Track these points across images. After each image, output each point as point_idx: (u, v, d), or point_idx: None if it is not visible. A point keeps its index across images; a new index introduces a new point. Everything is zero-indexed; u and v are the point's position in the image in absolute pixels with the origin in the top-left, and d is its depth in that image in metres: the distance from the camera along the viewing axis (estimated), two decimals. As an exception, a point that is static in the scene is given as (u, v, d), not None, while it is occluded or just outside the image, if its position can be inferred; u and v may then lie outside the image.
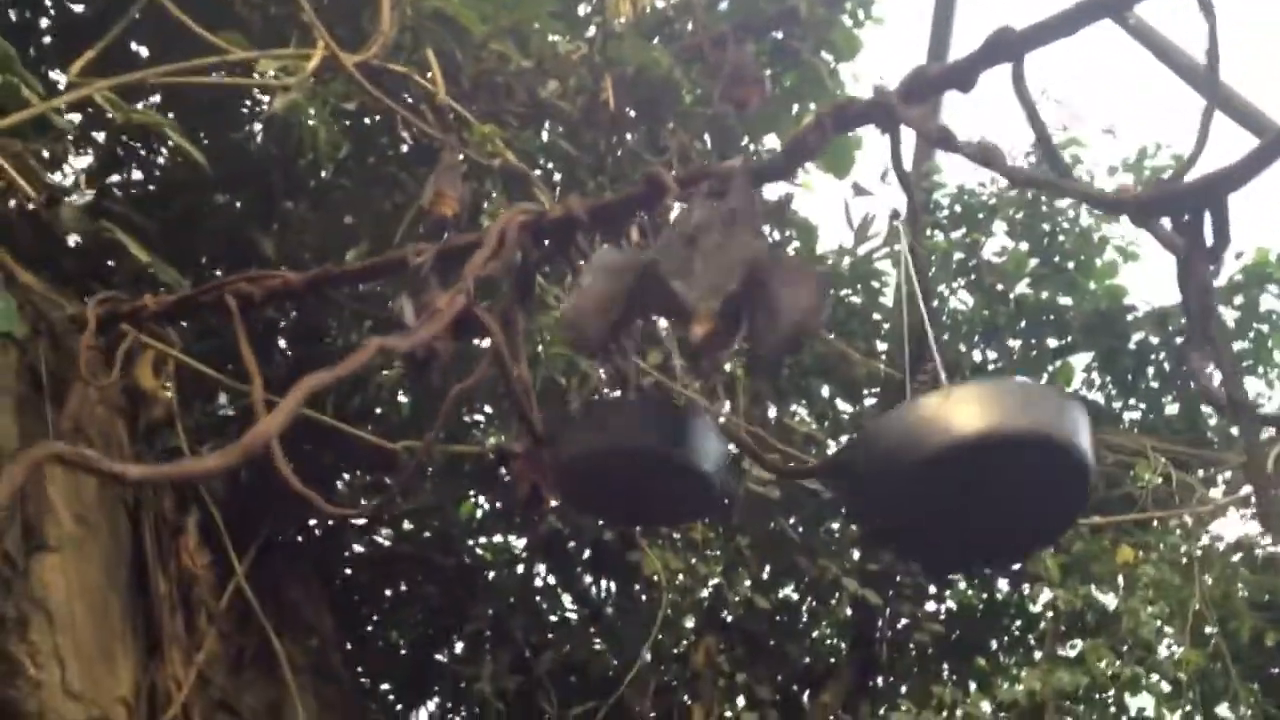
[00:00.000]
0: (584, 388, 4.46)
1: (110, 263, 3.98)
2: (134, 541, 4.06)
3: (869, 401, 5.80)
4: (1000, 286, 5.80)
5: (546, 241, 2.68)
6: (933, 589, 5.81)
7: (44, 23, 4.34)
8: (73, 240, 3.95)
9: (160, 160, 4.71)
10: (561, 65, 4.76)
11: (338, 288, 3.32)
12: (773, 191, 5.80)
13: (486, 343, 2.75)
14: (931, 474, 2.36)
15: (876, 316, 5.70)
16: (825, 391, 5.72)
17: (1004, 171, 2.29)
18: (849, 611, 5.68)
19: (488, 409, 5.36)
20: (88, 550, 3.78)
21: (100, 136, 4.52)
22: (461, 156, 4.02)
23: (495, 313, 2.61)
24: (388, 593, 5.74)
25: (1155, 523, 5.53)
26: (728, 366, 5.14)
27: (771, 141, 5.74)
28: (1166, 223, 2.00)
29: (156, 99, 4.43)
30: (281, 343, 5.07)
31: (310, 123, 3.91)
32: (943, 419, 2.36)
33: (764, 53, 5.59)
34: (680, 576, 5.14)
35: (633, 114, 5.03)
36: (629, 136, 5.00)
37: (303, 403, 2.00)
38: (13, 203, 3.56)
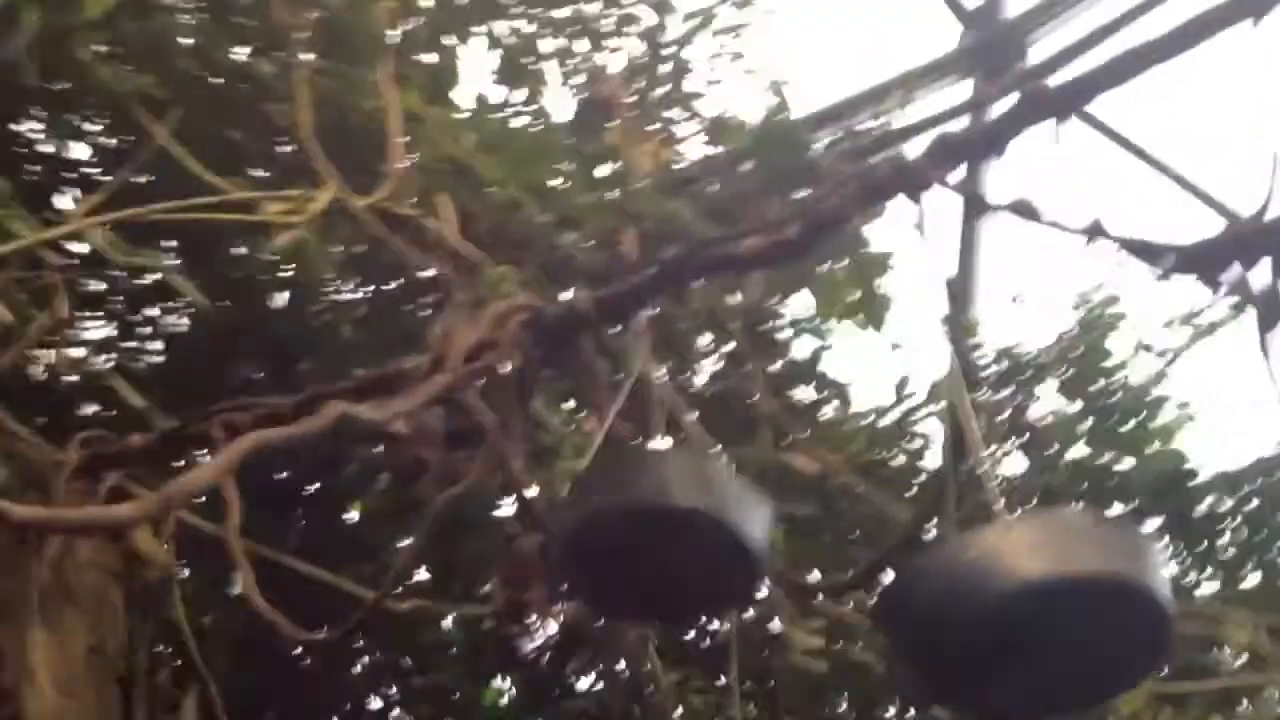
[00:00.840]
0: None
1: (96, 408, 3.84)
2: (123, 716, 3.80)
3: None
4: (1054, 448, 5.55)
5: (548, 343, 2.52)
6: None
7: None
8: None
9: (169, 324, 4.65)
10: (580, 216, 4.70)
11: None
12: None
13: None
14: (992, 619, 2.16)
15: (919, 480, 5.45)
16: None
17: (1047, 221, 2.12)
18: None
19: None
20: (70, 722, 3.54)
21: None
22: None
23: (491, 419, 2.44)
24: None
25: (1246, 701, 5.15)
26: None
27: (802, 299, 5.61)
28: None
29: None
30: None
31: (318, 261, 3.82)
32: (1004, 558, 2.17)
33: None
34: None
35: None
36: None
37: (242, 457, 1.81)
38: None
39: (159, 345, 4.68)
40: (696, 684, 4.75)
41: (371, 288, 4.57)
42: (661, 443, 2.75)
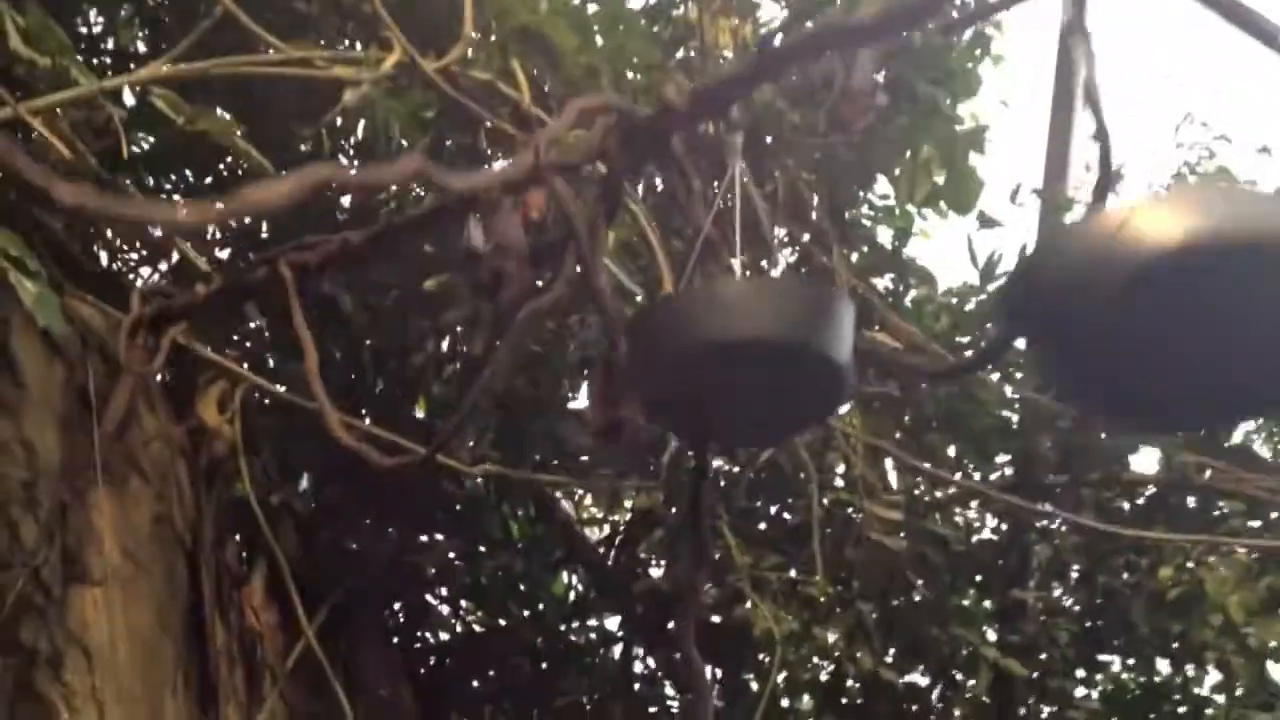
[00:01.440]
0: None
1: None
2: (191, 588, 3.77)
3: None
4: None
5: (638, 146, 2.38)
6: (1081, 673, 5.25)
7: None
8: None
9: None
10: (656, 84, 4.53)
11: (403, 241, 3.04)
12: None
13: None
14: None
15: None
16: (951, 451, 5.29)
17: None
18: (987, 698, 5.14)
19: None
20: (136, 589, 3.51)
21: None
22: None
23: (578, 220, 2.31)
24: (474, 678, 5.36)
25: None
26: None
27: (882, 185, 5.42)
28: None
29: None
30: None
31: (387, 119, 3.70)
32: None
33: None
34: (794, 650, 4.68)
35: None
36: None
37: (313, 186, 1.70)
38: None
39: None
40: (770, 563, 4.64)
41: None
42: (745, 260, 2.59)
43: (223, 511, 4.03)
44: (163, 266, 4.17)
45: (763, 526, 5.19)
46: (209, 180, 4.27)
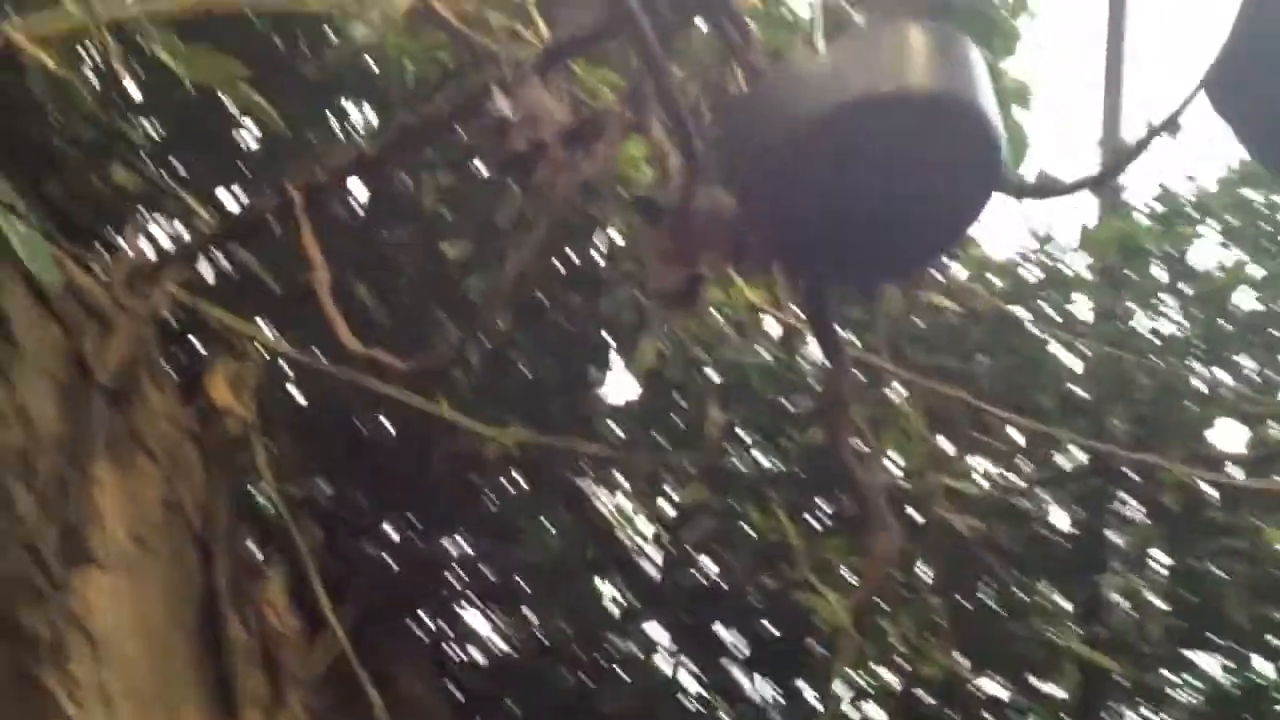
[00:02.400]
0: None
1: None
2: (204, 579, 3.47)
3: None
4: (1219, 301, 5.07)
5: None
6: (1178, 670, 4.90)
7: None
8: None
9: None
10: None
11: (420, 145, 2.76)
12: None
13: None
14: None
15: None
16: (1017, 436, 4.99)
17: None
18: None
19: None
20: (145, 576, 3.21)
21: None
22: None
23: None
24: (512, 694, 5.02)
25: None
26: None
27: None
28: None
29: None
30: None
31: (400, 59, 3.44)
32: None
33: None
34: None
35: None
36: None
37: None
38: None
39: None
40: (834, 542, 4.32)
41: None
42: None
43: (237, 498, 3.74)
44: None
45: (821, 523, 4.89)
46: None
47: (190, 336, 4.15)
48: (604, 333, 4.69)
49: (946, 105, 1.95)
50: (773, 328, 4.74)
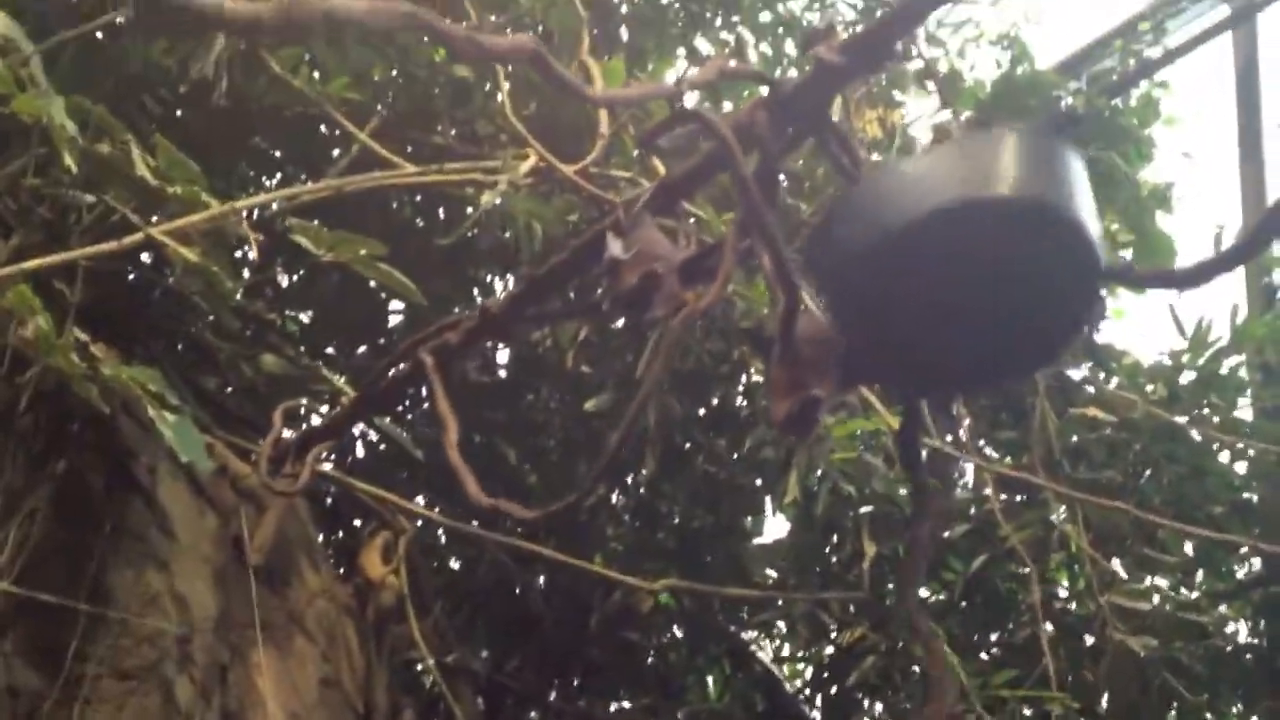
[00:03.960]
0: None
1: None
2: (367, 759, 3.36)
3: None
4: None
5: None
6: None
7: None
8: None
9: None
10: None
11: (543, 299, 2.69)
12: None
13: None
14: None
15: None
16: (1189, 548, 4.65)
17: None
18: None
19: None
20: (308, 758, 3.11)
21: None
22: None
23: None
24: None
25: None
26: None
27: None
28: None
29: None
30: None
31: (529, 223, 3.42)
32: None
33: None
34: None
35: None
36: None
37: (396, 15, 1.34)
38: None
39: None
40: (1003, 678, 4.03)
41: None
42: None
43: (396, 673, 3.64)
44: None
45: (987, 653, 4.59)
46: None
47: (348, 514, 4.14)
48: (752, 475, 4.54)
49: (1039, 211, 1.82)
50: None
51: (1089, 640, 4.31)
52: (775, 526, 4.76)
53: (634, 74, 4.38)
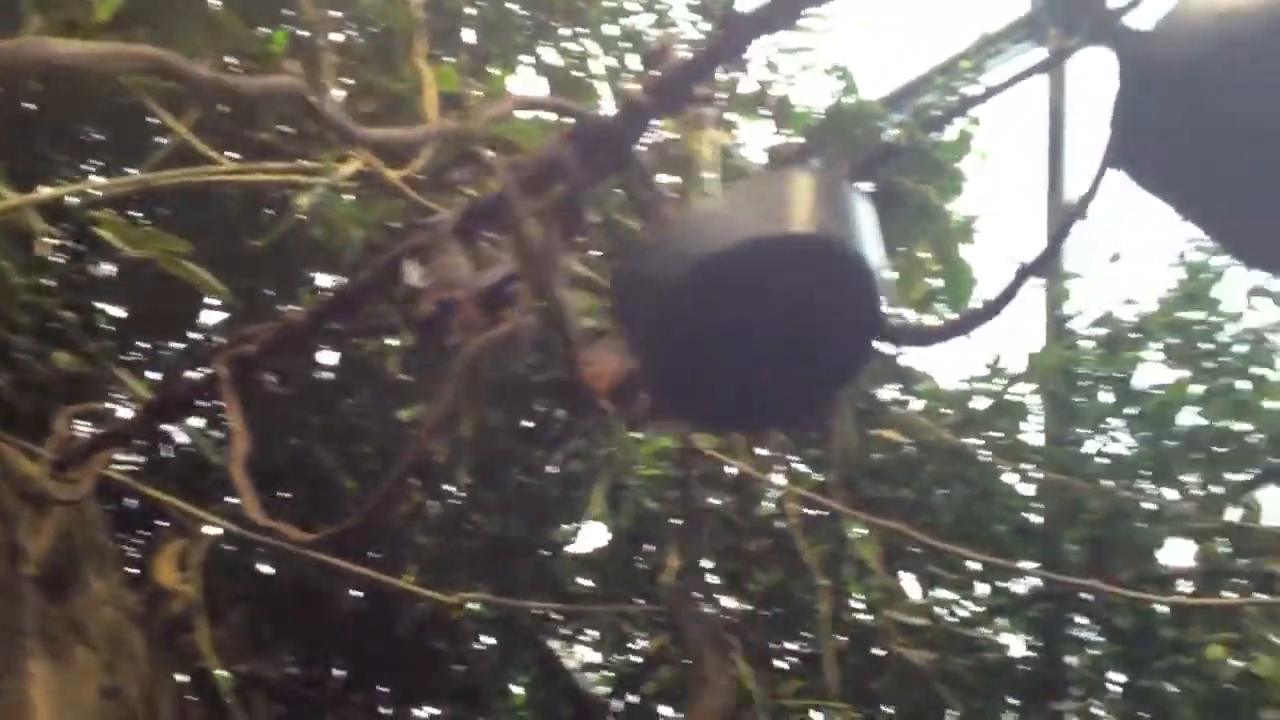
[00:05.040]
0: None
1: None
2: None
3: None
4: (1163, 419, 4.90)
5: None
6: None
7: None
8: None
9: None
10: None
11: (345, 315, 2.61)
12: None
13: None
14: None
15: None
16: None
17: None
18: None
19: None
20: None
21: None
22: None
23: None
24: None
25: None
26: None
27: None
28: None
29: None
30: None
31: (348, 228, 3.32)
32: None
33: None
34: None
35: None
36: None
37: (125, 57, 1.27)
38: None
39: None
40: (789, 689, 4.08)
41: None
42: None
43: (184, 681, 3.49)
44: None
45: (781, 663, 4.65)
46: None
47: (151, 519, 3.96)
48: (566, 487, 4.50)
49: (824, 249, 1.81)
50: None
51: (877, 652, 4.40)
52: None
53: (474, 80, 4.29)
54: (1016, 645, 4.85)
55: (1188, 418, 5.00)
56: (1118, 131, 1.66)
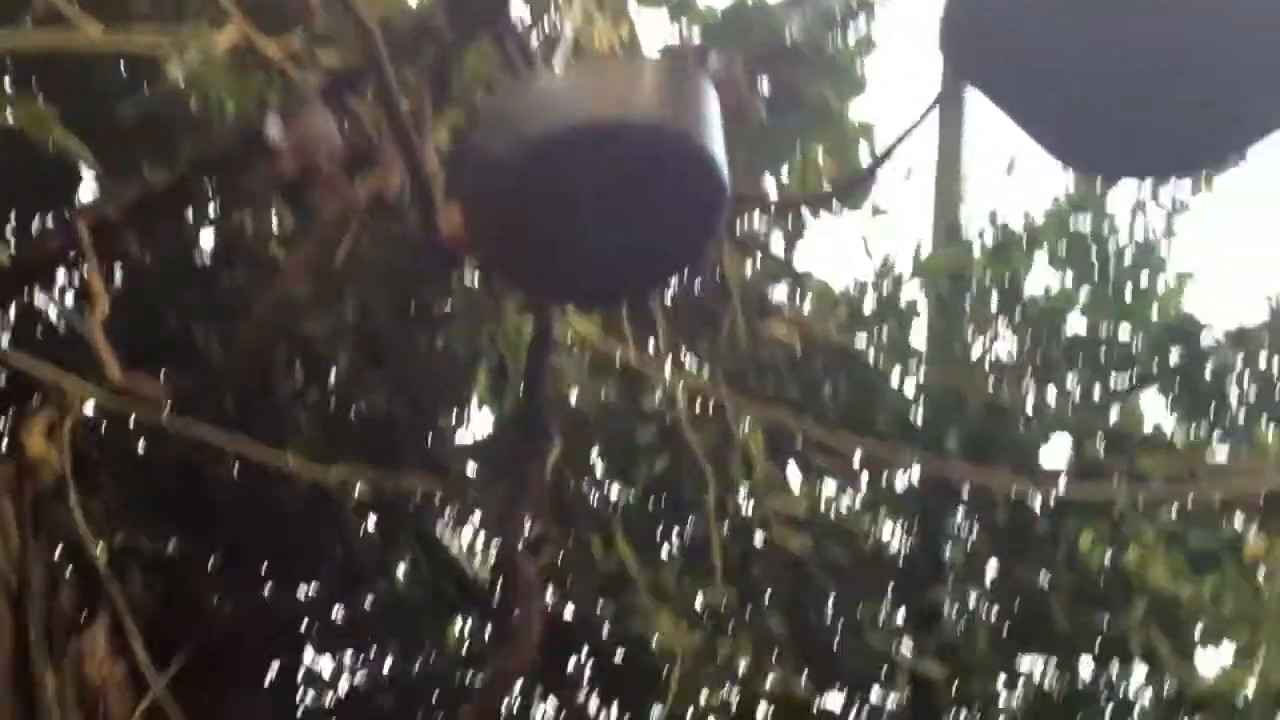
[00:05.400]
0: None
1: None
2: (16, 633, 3.20)
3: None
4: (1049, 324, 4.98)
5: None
6: (1003, 677, 4.78)
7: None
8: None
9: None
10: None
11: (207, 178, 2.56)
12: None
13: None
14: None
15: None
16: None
17: None
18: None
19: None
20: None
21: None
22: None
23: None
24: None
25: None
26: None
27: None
28: None
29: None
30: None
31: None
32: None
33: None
34: (700, 670, 4.18)
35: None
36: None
37: None
38: None
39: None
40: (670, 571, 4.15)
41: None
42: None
43: (56, 552, 3.46)
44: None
45: (665, 549, 4.71)
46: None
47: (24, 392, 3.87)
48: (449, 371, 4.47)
49: (668, 137, 1.80)
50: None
51: (759, 540, 4.47)
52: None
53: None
54: (897, 538, 4.97)
55: (1075, 324, 5.10)
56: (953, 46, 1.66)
